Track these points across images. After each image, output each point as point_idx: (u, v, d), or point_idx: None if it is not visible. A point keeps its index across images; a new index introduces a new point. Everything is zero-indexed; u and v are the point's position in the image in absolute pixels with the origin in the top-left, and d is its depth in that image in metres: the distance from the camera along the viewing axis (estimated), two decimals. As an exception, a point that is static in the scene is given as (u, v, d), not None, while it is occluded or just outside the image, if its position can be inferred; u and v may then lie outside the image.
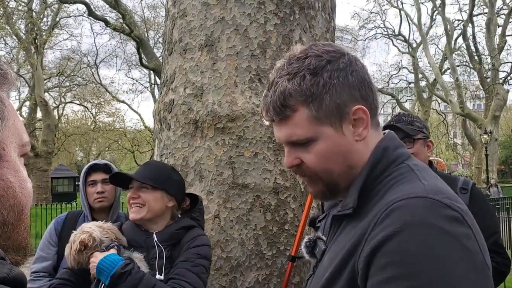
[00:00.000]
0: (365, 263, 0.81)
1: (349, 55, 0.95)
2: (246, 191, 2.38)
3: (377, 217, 0.83)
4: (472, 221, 0.81)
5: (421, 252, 0.74)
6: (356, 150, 0.93)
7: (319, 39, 2.65)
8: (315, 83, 0.90)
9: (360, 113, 0.92)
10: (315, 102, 0.90)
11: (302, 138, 0.92)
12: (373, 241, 0.80)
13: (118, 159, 40.03)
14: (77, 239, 1.83)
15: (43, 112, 22.37)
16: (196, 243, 1.90)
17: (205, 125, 2.45)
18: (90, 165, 2.62)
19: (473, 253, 0.77)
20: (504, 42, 26.06)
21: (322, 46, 0.94)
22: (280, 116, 0.93)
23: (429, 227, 0.76)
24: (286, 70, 0.92)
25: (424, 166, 0.94)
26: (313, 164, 0.94)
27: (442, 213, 0.78)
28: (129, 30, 20.55)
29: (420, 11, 26.56)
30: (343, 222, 0.95)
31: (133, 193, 1.93)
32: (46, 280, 2.49)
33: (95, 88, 30.97)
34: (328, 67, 0.91)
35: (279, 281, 2.35)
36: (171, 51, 2.69)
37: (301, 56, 0.92)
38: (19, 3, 19.89)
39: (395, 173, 0.90)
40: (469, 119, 25.66)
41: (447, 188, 0.86)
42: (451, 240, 0.75)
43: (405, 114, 2.39)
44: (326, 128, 0.91)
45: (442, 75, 27.41)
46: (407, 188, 0.85)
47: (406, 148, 0.98)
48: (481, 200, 2.20)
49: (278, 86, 0.92)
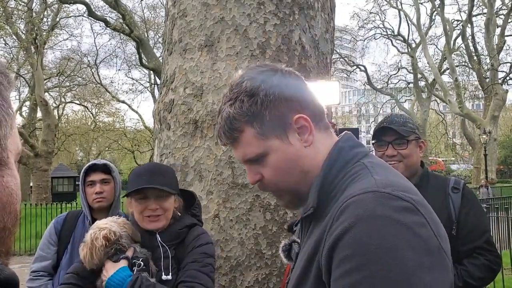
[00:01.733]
0: (327, 259, 0.85)
1: (282, 71, 1.03)
2: (245, 191, 2.38)
3: (333, 214, 0.87)
4: (426, 209, 0.85)
5: (373, 243, 0.78)
6: (306, 155, 1.00)
7: (318, 39, 2.66)
8: (254, 103, 0.98)
9: (301, 121, 0.99)
10: (257, 120, 0.98)
11: (253, 155, 1.00)
12: (331, 237, 0.84)
13: (118, 159, 40.03)
14: (99, 236, 1.80)
15: (43, 112, 22.36)
16: (200, 242, 1.90)
17: (205, 125, 2.46)
18: (89, 165, 2.60)
19: (425, 239, 0.80)
20: (503, 42, 26.09)
21: (256, 68, 1.03)
22: (230, 140, 1.01)
23: (380, 219, 0.80)
24: (228, 97, 1.01)
25: (381, 163, 0.99)
26: (271, 176, 1.01)
27: (392, 204, 0.82)
28: (129, 30, 20.55)
29: (419, 11, 26.61)
30: (311, 224, 1.00)
31: (154, 205, 1.87)
32: (45, 280, 2.50)
33: (95, 88, 30.96)
34: (263, 86, 0.98)
35: (279, 280, 2.36)
36: (171, 51, 2.70)
37: (239, 81, 1.01)
38: (18, 3, 19.87)
39: (351, 172, 0.95)
40: (468, 119, 25.69)
41: (401, 181, 0.90)
42: (401, 229, 0.79)
43: (398, 115, 2.41)
44: (273, 141, 0.99)
45: (441, 75, 27.44)
46: (359, 184, 0.90)
47: (363, 147, 1.03)
48: (472, 199, 2.22)
49: (223, 112, 1.01)
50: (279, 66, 1.05)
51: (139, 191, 1.88)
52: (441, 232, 0.85)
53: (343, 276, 0.79)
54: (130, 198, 1.95)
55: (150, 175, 1.90)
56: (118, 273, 1.76)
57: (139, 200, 1.89)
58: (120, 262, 1.80)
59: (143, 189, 1.87)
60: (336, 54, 29.61)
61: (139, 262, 1.81)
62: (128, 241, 1.85)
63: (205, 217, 2.39)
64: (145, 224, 1.89)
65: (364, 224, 0.80)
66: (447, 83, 28.28)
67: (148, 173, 1.92)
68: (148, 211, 1.87)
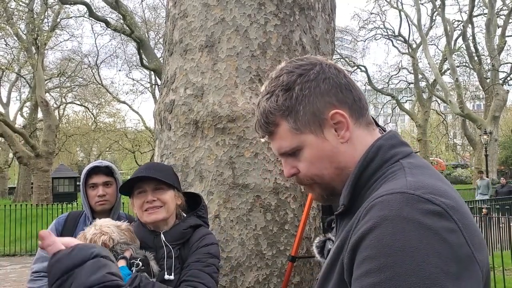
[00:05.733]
0: (349, 258, 0.84)
1: (321, 64, 1.01)
2: (246, 191, 2.38)
3: (360, 213, 0.86)
4: (460, 216, 0.81)
5: (396, 245, 0.76)
6: (342, 152, 0.98)
7: (319, 40, 2.66)
8: (288, 98, 0.98)
9: (338, 117, 0.97)
10: (292, 115, 0.98)
11: (289, 148, 1.00)
12: (355, 236, 0.83)
13: (118, 160, 40.06)
14: (98, 240, 1.82)
15: (44, 112, 22.35)
16: (205, 242, 1.90)
17: (206, 125, 2.46)
18: (91, 167, 2.57)
19: (454, 246, 0.76)
20: (504, 42, 26.06)
21: (295, 62, 1.02)
22: (266, 132, 1.02)
23: (405, 221, 0.77)
24: (266, 90, 1.02)
25: (422, 164, 0.94)
26: (305, 170, 1.00)
27: (420, 207, 0.79)
28: (130, 31, 20.56)
29: (420, 12, 26.58)
30: (343, 221, 0.98)
31: (151, 196, 1.90)
32: (46, 280, 2.49)
33: (96, 89, 31.01)
34: (299, 81, 0.98)
35: (279, 281, 2.36)
36: (171, 51, 2.70)
37: (278, 75, 1.01)
38: (18, 4, 19.88)
39: (388, 172, 0.92)
40: (469, 119, 25.65)
41: (437, 184, 0.86)
42: (427, 233, 0.76)
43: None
44: (307, 136, 0.98)
45: (442, 75, 27.41)
46: (390, 185, 0.87)
47: (406, 147, 0.99)
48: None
49: (260, 106, 1.02)
50: (320, 59, 1.02)
51: (136, 182, 1.92)
52: (475, 240, 0.81)
53: (363, 276, 0.78)
54: (131, 198, 1.98)
55: (146, 169, 1.96)
56: None
57: (138, 195, 1.93)
58: (118, 262, 1.81)
59: (140, 181, 1.91)
60: (337, 54, 29.63)
61: (137, 262, 1.82)
62: (124, 247, 1.87)
63: (206, 217, 2.40)
64: (145, 217, 1.91)
65: (389, 225, 0.78)
66: (448, 84, 28.26)
67: (145, 167, 1.99)
68: (147, 204, 1.90)
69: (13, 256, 10.84)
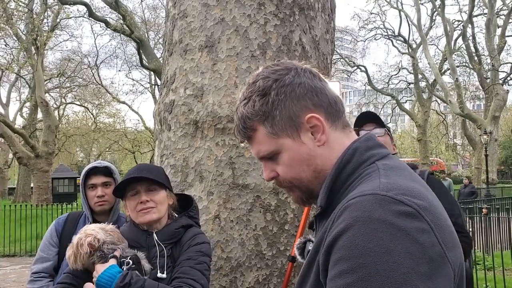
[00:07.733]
0: (324, 259, 0.85)
1: (297, 69, 1.02)
2: (246, 192, 2.38)
3: (334, 215, 0.87)
4: (432, 216, 0.82)
5: (368, 246, 0.77)
6: (319, 155, 1.00)
7: (319, 40, 2.66)
8: (265, 103, 0.99)
9: (313, 121, 0.99)
10: (268, 120, 1.00)
11: (267, 153, 1.02)
12: (329, 238, 0.84)
13: (118, 160, 40.08)
14: (84, 242, 1.85)
15: (43, 113, 22.36)
16: (196, 241, 1.94)
17: (205, 125, 2.46)
18: (90, 168, 2.56)
19: (426, 246, 0.77)
20: (504, 42, 26.08)
21: (271, 67, 1.04)
22: (245, 137, 1.05)
23: (377, 222, 0.78)
24: (243, 96, 1.04)
25: (397, 166, 0.95)
26: (284, 174, 1.02)
27: (392, 208, 0.80)
28: (130, 31, 20.56)
29: (419, 12, 26.57)
30: (322, 223, 1.00)
31: (145, 197, 1.93)
32: (46, 281, 2.49)
33: (96, 89, 31.03)
34: (274, 86, 1.00)
35: (279, 281, 2.36)
36: (171, 52, 2.70)
37: (254, 80, 1.03)
38: (17, 3, 19.88)
39: (363, 173, 0.94)
40: (468, 119, 25.66)
41: (411, 185, 0.87)
42: (398, 234, 0.77)
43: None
44: (284, 140, 1.00)
45: (442, 75, 27.41)
46: (364, 186, 0.88)
47: (382, 149, 1.00)
48: (438, 186, 2.36)
49: (238, 112, 1.04)
50: (295, 64, 1.04)
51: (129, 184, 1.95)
52: (448, 239, 0.82)
53: (337, 276, 0.79)
54: (124, 200, 2.02)
55: (138, 170, 2.00)
56: (107, 270, 1.79)
57: (131, 197, 1.96)
58: (109, 261, 1.83)
59: (132, 182, 1.94)
60: (337, 54, 29.63)
61: (128, 260, 1.85)
62: (112, 247, 1.89)
63: (206, 218, 2.39)
64: (139, 218, 1.94)
65: (361, 226, 0.79)
66: (448, 84, 28.26)
67: (136, 169, 2.03)
68: (140, 205, 1.93)
69: (13, 257, 10.83)
